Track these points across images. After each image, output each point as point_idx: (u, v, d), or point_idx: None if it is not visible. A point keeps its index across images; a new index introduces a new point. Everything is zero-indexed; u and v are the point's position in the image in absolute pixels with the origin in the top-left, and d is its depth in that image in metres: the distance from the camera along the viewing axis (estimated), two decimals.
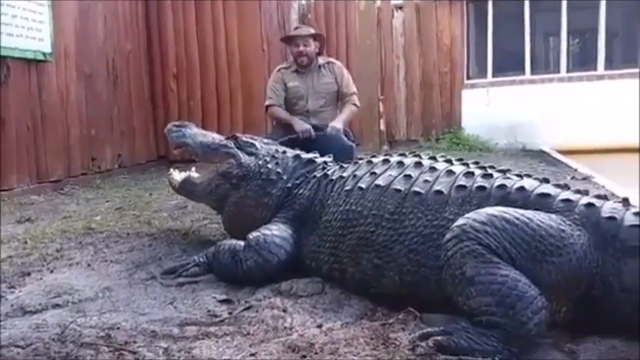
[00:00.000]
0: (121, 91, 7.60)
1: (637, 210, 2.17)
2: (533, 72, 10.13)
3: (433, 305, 2.25)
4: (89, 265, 3.08)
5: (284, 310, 2.42)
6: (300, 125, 5.18)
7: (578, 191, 2.34)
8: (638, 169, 6.00)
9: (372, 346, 2.01)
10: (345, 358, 1.93)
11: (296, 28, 6.12)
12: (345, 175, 2.84)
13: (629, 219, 2.12)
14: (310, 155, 3.23)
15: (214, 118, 8.48)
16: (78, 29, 6.65)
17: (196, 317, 2.37)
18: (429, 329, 2.07)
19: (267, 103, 5.63)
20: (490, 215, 2.11)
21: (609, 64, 9.91)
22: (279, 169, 3.11)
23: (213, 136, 3.46)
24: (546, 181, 2.43)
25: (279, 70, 5.85)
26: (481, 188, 2.38)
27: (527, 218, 2.10)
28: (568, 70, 10.02)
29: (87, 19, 6.84)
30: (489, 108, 9.83)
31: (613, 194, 5.18)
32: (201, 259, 2.92)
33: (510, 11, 10.14)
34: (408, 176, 2.57)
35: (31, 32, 5.73)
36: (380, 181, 2.61)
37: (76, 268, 3.05)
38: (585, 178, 6.17)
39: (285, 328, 2.25)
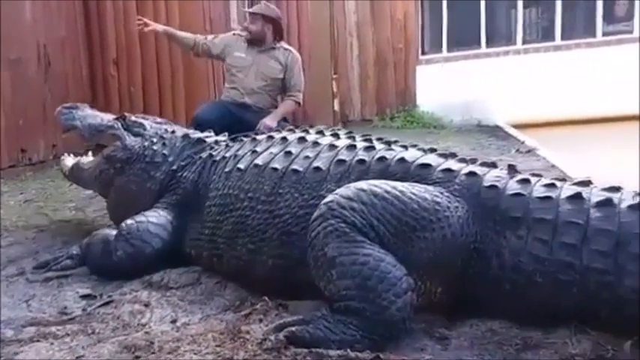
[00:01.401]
0: (54, 78, 7.22)
1: (523, 177, 1.94)
2: (488, 45, 9.89)
3: (308, 292, 2.01)
4: None
5: (146, 305, 2.19)
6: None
7: (462, 160, 2.10)
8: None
9: (219, 341, 1.78)
10: (182, 357, 1.69)
11: (257, 5, 5.90)
12: (227, 155, 2.59)
13: (512, 187, 1.89)
14: (201, 134, 2.96)
15: (156, 102, 8.16)
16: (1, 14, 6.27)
17: (44, 316, 2.14)
18: (286, 320, 1.84)
19: None
20: (358, 190, 1.88)
21: (566, 34, 9.69)
22: (165, 151, 2.84)
23: (103, 117, 3.18)
24: (432, 151, 2.20)
25: (233, 34, 5.68)
26: (361, 162, 2.16)
27: (399, 192, 1.87)
28: (524, 42, 9.79)
29: (11, 3, 6.45)
30: (444, 84, 9.56)
31: (553, 165, 5.02)
32: (74, 252, 2.67)
33: None
34: (289, 153, 2.34)
35: None
36: (259, 160, 2.39)
37: None
38: (530, 151, 6.00)
39: (138, 324, 2.03)
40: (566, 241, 1.74)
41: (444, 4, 10.02)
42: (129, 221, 2.56)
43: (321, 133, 2.49)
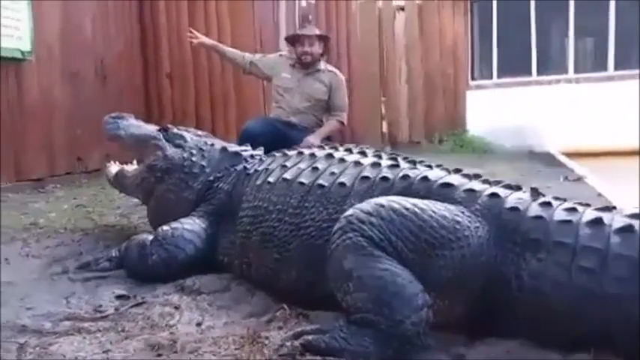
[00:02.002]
0: (111, 90, 7.56)
1: (545, 200, 1.95)
2: (539, 73, 9.79)
3: (329, 303, 2.05)
4: (6, 259, 2.97)
5: (176, 308, 2.28)
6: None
7: (486, 181, 2.12)
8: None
9: (238, 345, 1.85)
10: (202, 358, 1.77)
11: (302, 27, 6.05)
12: (259, 168, 2.69)
13: (534, 209, 1.90)
14: (238, 148, 3.07)
15: (208, 116, 8.43)
16: (63, 28, 6.63)
17: (80, 312, 2.25)
18: (305, 328, 1.89)
19: None
20: (377, 205, 1.93)
21: (620, 65, 9.51)
22: (203, 162, 2.96)
23: (146, 128, 3.33)
24: (457, 171, 2.23)
25: (280, 54, 5.85)
26: (384, 179, 2.20)
27: (419, 209, 1.91)
28: (576, 71, 9.66)
29: (72, 18, 6.82)
30: (495, 110, 9.52)
31: (600, 194, 4.92)
32: (114, 254, 2.80)
33: (516, 11, 9.83)
34: (315, 169, 2.41)
35: (7, 30, 5.70)
36: (287, 175, 2.47)
37: None
38: (578, 179, 5.89)
39: (165, 325, 2.11)
40: (585, 265, 1.74)
41: (494, 31, 9.98)
42: (165, 227, 2.68)
43: (349, 150, 2.56)
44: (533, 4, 9.73)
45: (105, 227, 3.67)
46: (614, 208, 1.92)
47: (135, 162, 3.47)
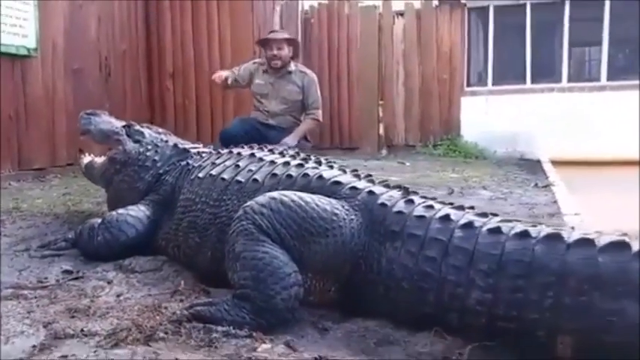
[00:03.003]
0: (113, 88, 7.97)
1: (410, 198, 2.25)
2: (533, 81, 9.97)
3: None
4: None
5: (109, 282, 2.62)
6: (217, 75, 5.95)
7: (370, 180, 2.43)
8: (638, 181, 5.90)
9: (140, 312, 2.17)
10: (105, 320, 2.10)
11: (271, 32, 6.35)
12: (196, 165, 3.03)
13: (398, 206, 2.20)
14: (188, 145, 3.41)
15: (208, 115, 8.79)
16: (67, 27, 7.05)
17: (26, 283, 2.59)
18: (198, 301, 2.22)
19: None
20: (270, 198, 2.25)
21: (612, 74, 9.65)
22: (156, 157, 3.31)
23: (114, 124, 3.68)
24: (353, 172, 2.54)
25: (254, 62, 6.14)
26: (289, 176, 2.52)
27: (305, 202, 2.22)
28: (569, 80, 9.82)
29: (78, 18, 7.24)
30: (489, 116, 9.75)
31: (555, 201, 5.15)
32: (70, 236, 3.16)
33: (512, 20, 10.04)
34: (237, 166, 2.75)
35: (14, 29, 6.13)
36: (213, 171, 2.82)
37: None
38: (546, 186, 6.10)
39: (93, 296, 2.44)
40: (429, 254, 2.03)
41: (490, 38, 10.19)
42: (112, 213, 3.04)
43: (271, 151, 2.88)
44: (528, 13, 9.92)
45: (76, 213, 4.05)
46: (464, 207, 2.20)
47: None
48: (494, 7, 10.11)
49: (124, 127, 3.58)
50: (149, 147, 3.37)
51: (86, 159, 3.83)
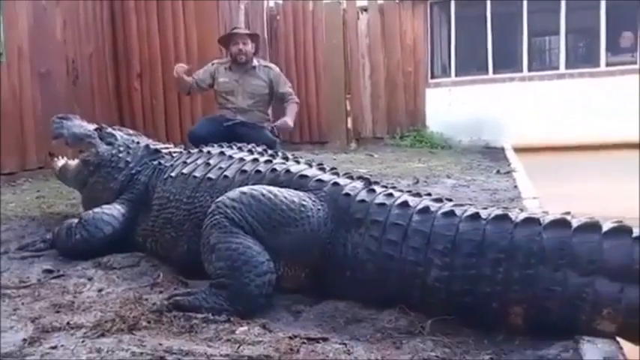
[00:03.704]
0: (82, 90, 7.96)
1: (371, 187, 2.41)
2: (495, 71, 10.27)
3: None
4: None
5: (89, 279, 2.74)
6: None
7: (335, 173, 2.59)
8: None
9: (122, 304, 2.30)
10: (89, 314, 2.22)
11: (233, 29, 6.43)
12: (167, 164, 3.16)
13: (361, 195, 2.36)
14: (160, 145, 3.53)
15: (176, 114, 8.82)
16: (32, 31, 7.02)
17: (8, 283, 2.68)
18: (177, 292, 2.36)
19: None
20: (240, 193, 2.39)
21: (570, 63, 10.00)
22: (128, 158, 3.41)
23: (86, 128, 3.76)
24: (318, 165, 2.70)
25: (212, 63, 6.17)
26: (257, 172, 2.67)
27: (273, 195, 2.37)
28: (529, 70, 10.13)
29: (43, 21, 7.21)
30: (452, 106, 10.02)
31: (516, 186, 5.38)
32: (48, 237, 3.26)
33: (472, 12, 10.32)
34: (208, 164, 2.88)
35: None
36: (185, 170, 2.95)
37: None
38: (508, 172, 6.35)
39: (75, 292, 2.55)
40: (391, 238, 2.20)
41: (452, 31, 10.45)
42: (89, 212, 3.15)
43: (239, 149, 3.01)
44: (489, 5, 10.20)
45: (51, 215, 4.13)
46: (420, 194, 2.37)
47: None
48: (455, 0, 10.36)
49: (95, 129, 3.67)
50: (121, 149, 3.47)
51: (60, 162, 3.90)
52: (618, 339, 1.88)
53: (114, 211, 3.14)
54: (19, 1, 6.80)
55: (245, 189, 2.42)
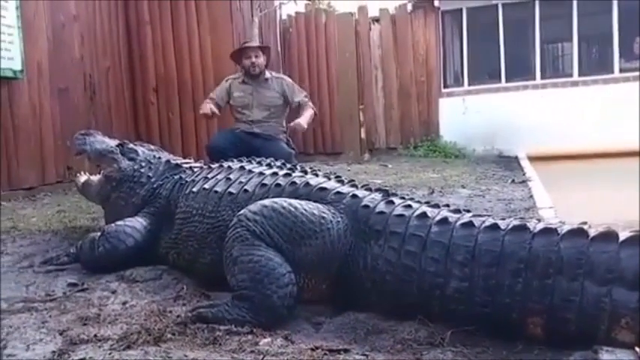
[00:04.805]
0: (99, 105, 8.10)
1: (390, 199, 2.45)
2: (508, 80, 10.28)
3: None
4: None
5: (113, 292, 2.79)
6: (203, 106, 5.90)
7: (353, 185, 2.63)
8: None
9: (146, 317, 2.35)
10: (115, 326, 2.28)
11: (244, 43, 6.53)
12: (188, 179, 3.22)
13: (380, 207, 2.40)
14: (180, 160, 3.59)
15: (192, 127, 8.93)
16: (52, 48, 7.17)
17: (34, 297, 2.75)
18: (201, 304, 2.41)
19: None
20: (262, 206, 2.44)
21: (584, 70, 9.99)
22: (150, 173, 3.48)
23: (108, 143, 3.83)
24: (337, 178, 2.74)
25: (227, 80, 6.27)
26: (277, 185, 2.72)
27: (294, 207, 2.42)
28: (542, 77, 10.13)
29: (62, 38, 7.36)
30: (466, 116, 10.04)
31: (531, 196, 5.39)
32: (72, 250, 3.32)
33: (484, 20, 10.35)
34: (229, 179, 2.94)
35: (1, 53, 6.26)
36: (207, 185, 3.01)
37: None
38: (523, 182, 6.35)
39: (99, 305, 2.61)
40: (410, 249, 2.23)
41: (464, 40, 10.48)
42: (111, 225, 3.22)
43: (259, 163, 3.07)
44: (500, 13, 10.23)
45: (73, 229, 4.20)
46: (439, 205, 2.41)
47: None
48: (467, 8, 10.41)
49: (118, 145, 3.74)
50: (143, 164, 3.54)
51: (82, 178, 3.97)
52: (638, 349, 1.90)
53: (136, 223, 3.20)
54: (38, 19, 6.95)
55: (266, 202, 2.47)
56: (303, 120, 5.83)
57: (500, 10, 10.22)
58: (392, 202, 2.41)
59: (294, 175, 2.78)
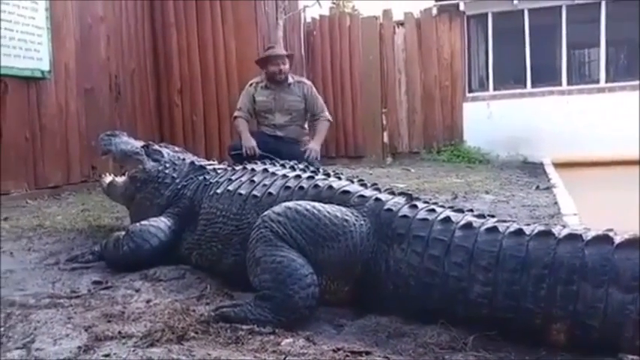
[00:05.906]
0: (124, 105, 8.21)
1: (414, 203, 2.44)
2: (534, 85, 10.18)
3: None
4: (11, 253, 3.56)
5: (137, 290, 2.82)
6: (246, 141, 5.61)
7: (376, 188, 2.63)
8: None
9: (170, 315, 2.37)
10: (139, 324, 2.30)
11: (269, 49, 6.56)
12: (212, 181, 3.25)
13: (403, 210, 2.40)
14: (204, 162, 3.62)
15: (215, 129, 9.00)
16: (79, 49, 7.29)
17: (60, 293, 2.79)
18: (224, 303, 2.42)
19: (235, 114, 6.11)
20: (285, 208, 2.46)
21: (611, 76, 9.86)
22: (174, 174, 3.52)
23: (133, 144, 3.88)
24: (360, 181, 2.74)
25: (251, 84, 6.30)
26: (301, 188, 2.74)
27: (317, 210, 2.43)
28: (569, 83, 10.02)
29: (88, 39, 7.48)
30: (491, 121, 9.96)
31: (556, 202, 5.33)
32: (97, 249, 3.36)
33: (510, 25, 10.27)
34: (253, 181, 2.96)
35: (29, 53, 6.38)
36: (231, 187, 3.03)
37: None
38: (547, 188, 6.28)
39: (123, 303, 2.64)
40: (433, 253, 2.22)
41: (490, 44, 10.41)
42: (136, 224, 3.25)
43: (282, 166, 3.09)
44: (527, 18, 10.14)
45: (97, 228, 4.26)
46: (463, 209, 2.39)
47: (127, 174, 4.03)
48: (492, 13, 10.34)
49: (143, 147, 3.78)
50: (167, 165, 3.58)
51: (107, 178, 4.03)
52: None
53: (160, 223, 3.23)
54: (67, 20, 7.07)
55: (290, 204, 2.48)
56: (316, 143, 5.84)
57: (526, 15, 10.14)
58: (415, 206, 2.41)
59: (317, 177, 2.79)
